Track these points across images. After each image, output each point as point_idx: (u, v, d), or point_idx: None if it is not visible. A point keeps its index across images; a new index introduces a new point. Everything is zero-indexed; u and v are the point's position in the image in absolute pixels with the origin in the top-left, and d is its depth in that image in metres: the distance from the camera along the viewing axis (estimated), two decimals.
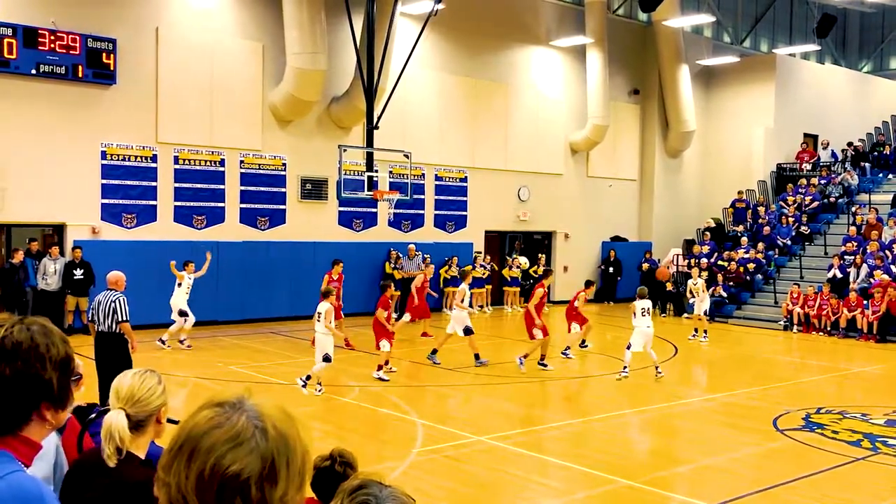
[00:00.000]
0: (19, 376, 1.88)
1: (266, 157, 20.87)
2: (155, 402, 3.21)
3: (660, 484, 8.90)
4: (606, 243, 28.29)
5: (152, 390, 3.22)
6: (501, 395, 13.36)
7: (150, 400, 3.20)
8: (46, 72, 17.36)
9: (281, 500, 1.41)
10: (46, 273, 17.40)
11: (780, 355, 18.94)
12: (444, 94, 24.10)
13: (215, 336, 18.14)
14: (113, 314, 10.44)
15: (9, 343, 1.89)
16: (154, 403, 3.21)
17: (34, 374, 1.91)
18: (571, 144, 27.43)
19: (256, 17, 20.55)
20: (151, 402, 3.20)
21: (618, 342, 18.06)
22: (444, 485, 8.63)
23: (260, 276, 20.38)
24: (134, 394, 3.16)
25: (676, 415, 12.39)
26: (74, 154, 18.01)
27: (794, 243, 25.34)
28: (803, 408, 12.40)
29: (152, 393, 3.21)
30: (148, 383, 3.23)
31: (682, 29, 28.38)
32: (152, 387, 3.23)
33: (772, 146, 29.08)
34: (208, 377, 13.62)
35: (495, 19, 25.13)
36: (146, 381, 3.24)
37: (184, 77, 19.32)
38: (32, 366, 1.91)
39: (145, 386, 3.21)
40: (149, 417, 3.21)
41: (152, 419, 3.23)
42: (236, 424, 1.40)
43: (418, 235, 23.59)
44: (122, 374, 3.25)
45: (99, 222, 18.49)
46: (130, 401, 3.14)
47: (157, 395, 3.23)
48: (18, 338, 1.91)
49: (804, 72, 30.56)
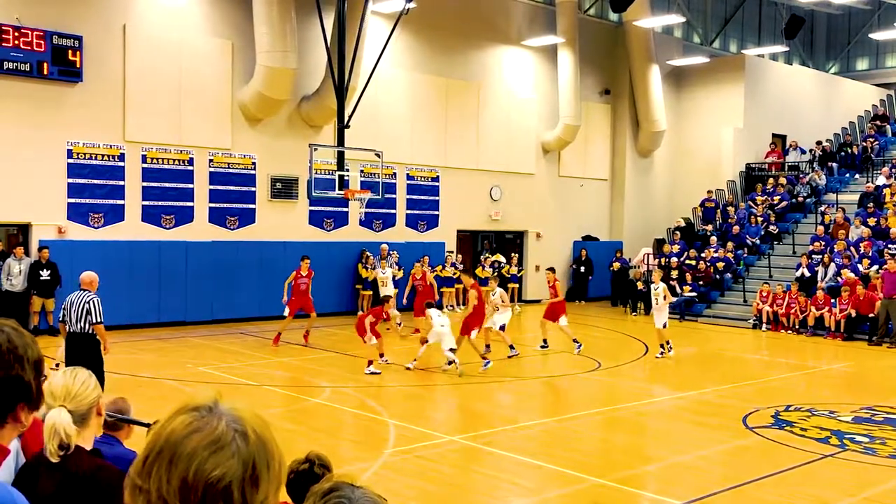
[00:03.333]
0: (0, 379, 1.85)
1: (236, 156, 20.69)
2: (91, 395, 3.23)
3: (630, 482, 8.93)
4: (578, 242, 28.39)
5: (86, 384, 3.24)
6: (473, 395, 13.34)
7: (87, 393, 3.21)
8: (10, 69, 17.07)
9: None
10: (11, 274, 17.10)
11: (749, 353, 19.10)
12: (415, 94, 24.05)
13: (184, 337, 17.95)
14: (87, 315, 10.28)
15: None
16: (91, 396, 3.23)
17: (15, 377, 1.87)
18: (543, 144, 27.50)
19: (226, 15, 20.37)
20: (88, 395, 3.22)
21: (590, 340, 18.11)
22: (416, 485, 8.58)
23: (229, 276, 20.21)
24: (70, 391, 3.16)
25: (647, 413, 12.45)
26: (40, 152, 17.72)
27: (763, 242, 25.58)
28: (772, 405, 12.50)
29: (87, 386, 3.23)
30: (81, 377, 3.25)
31: (652, 29, 28.56)
32: (85, 380, 3.25)
33: (741, 146, 29.35)
34: (178, 378, 13.46)
35: (467, 19, 25.13)
36: (78, 374, 3.26)
37: (152, 75, 19.09)
38: (12, 367, 1.86)
39: (78, 380, 3.23)
40: (89, 410, 3.22)
41: (93, 411, 3.24)
42: (216, 429, 1.39)
43: (390, 235, 23.53)
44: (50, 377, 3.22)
45: (65, 222, 18.22)
46: (68, 397, 3.14)
47: (91, 388, 3.25)
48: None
49: (773, 73, 30.87)
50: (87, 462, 3.08)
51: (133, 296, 18.51)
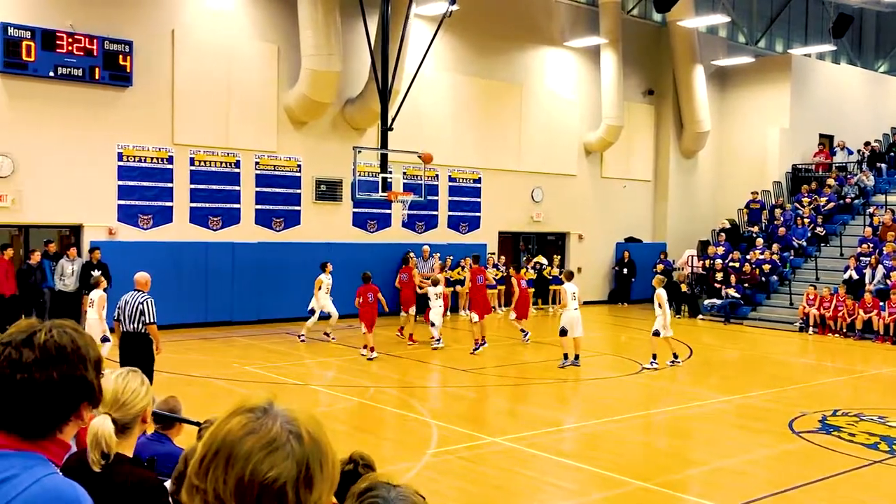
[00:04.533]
0: (66, 379, 1.90)
1: (281, 158, 20.96)
2: (140, 405, 3.19)
3: (673, 486, 8.89)
4: (621, 244, 28.24)
5: (136, 392, 3.20)
6: (516, 396, 13.37)
7: (135, 402, 3.18)
8: (64, 74, 17.50)
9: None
10: (64, 274, 17.52)
11: (795, 357, 18.85)
12: (457, 96, 24.12)
13: (230, 336, 18.23)
14: (140, 315, 10.54)
15: (52, 346, 1.90)
16: (139, 405, 3.19)
17: (80, 376, 1.93)
18: (585, 145, 27.41)
19: (272, 19, 20.64)
20: (136, 404, 3.18)
21: (633, 343, 18.06)
22: (459, 486, 8.65)
23: (275, 277, 20.46)
24: (118, 398, 3.14)
25: (691, 417, 12.36)
26: (91, 155, 18.14)
27: (810, 244, 25.22)
28: (819, 410, 12.34)
29: (136, 395, 3.19)
30: (131, 385, 3.21)
31: (696, 29, 28.30)
32: (136, 389, 3.21)
33: (787, 147, 28.96)
34: (224, 377, 13.69)
35: (509, 20, 25.14)
36: (129, 383, 3.21)
37: (199, 79, 19.43)
38: (77, 367, 1.93)
39: (129, 388, 3.19)
40: (134, 419, 3.19)
41: (137, 420, 3.21)
42: (271, 430, 1.42)
43: (432, 236, 23.63)
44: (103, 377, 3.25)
45: (115, 223, 18.61)
46: (115, 405, 3.12)
47: (141, 397, 3.20)
48: (61, 341, 1.92)
49: (820, 72, 30.41)
50: (128, 472, 3.08)
51: (180, 296, 18.82)
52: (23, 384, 1.86)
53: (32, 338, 1.91)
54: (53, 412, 1.90)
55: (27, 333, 1.92)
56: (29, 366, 1.87)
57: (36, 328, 1.94)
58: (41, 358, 1.88)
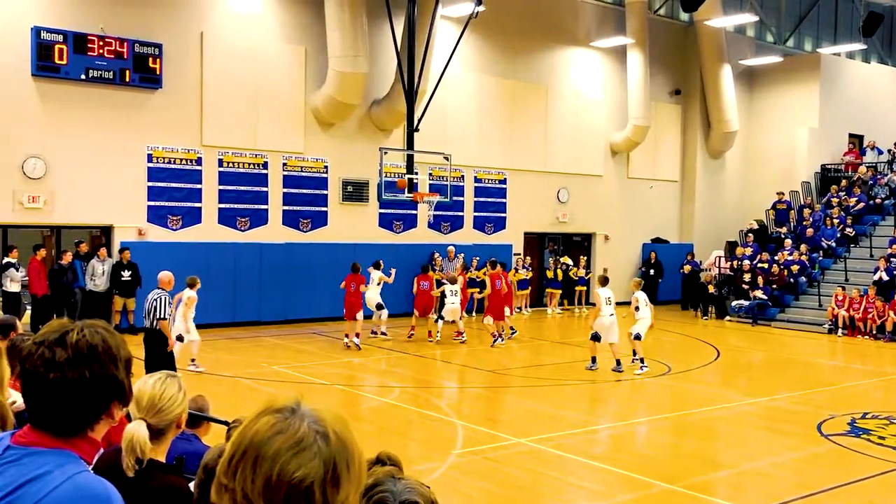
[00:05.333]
0: (98, 378, 1.94)
1: (308, 159, 21.11)
2: (176, 411, 3.19)
3: (700, 488, 8.86)
4: (647, 245, 28.11)
5: (173, 399, 3.19)
6: (541, 397, 13.38)
7: (172, 409, 3.17)
8: (95, 77, 17.74)
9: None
10: (95, 274, 17.78)
11: (824, 359, 18.68)
12: (483, 96, 24.14)
13: (258, 336, 18.39)
14: (154, 312, 10.72)
15: (84, 346, 1.94)
16: (175, 412, 3.19)
17: (111, 375, 1.97)
18: (612, 145, 27.31)
19: (299, 22, 20.78)
20: (172, 410, 3.18)
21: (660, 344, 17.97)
22: (484, 486, 8.68)
23: (302, 278, 20.60)
24: (155, 403, 3.14)
25: (717, 418, 12.30)
26: (121, 157, 18.37)
27: (839, 245, 24.96)
28: (848, 412, 12.23)
29: (173, 402, 3.19)
30: (169, 391, 3.19)
31: (724, 29, 28.12)
32: (173, 395, 3.20)
33: (816, 147, 28.68)
34: (253, 377, 13.82)
35: (535, 21, 25.12)
36: (167, 388, 3.20)
37: (228, 80, 19.61)
38: (108, 367, 1.96)
39: (167, 395, 3.18)
40: (170, 425, 3.19)
41: (172, 426, 3.21)
42: (298, 430, 1.44)
43: (458, 237, 23.67)
44: (142, 381, 3.17)
45: (145, 224, 18.84)
46: (151, 410, 3.12)
47: (177, 404, 3.20)
48: (93, 340, 1.96)
49: (849, 71, 30.08)
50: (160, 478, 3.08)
51: (209, 296, 18.88)
52: (56, 383, 1.90)
53: (65, 337, 1.94)
54: (85, 410, 1.94)
55: (60, 333, 1.96)
56: (62, 365, 1.91)
57: (68, 328, 1.97)
58: (73, 357, 1.92)
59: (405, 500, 1.78)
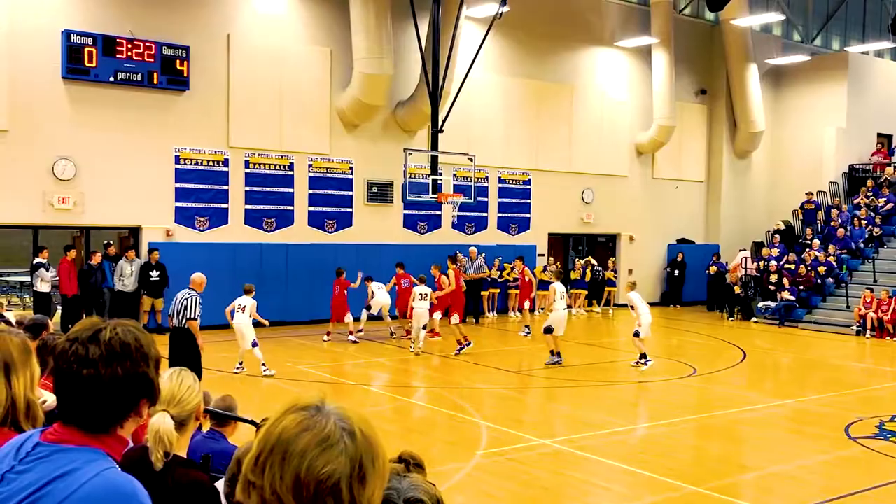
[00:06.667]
0: (129, 375, 1.98)
1: (334, 160, 21.22)
2: (194, 401, 3.24)
3: (726, 491, 8.81)
4: (672, 246, 27.97)
5: (191, 389, 3.25)
6: (566, 398, 13.37)
7: (190, 399, 3.22)
8: (123, 79, 17.95)
9: (369, 501, 1.48)
10: (123, 275, 17.99)
11: (852, 361, 18.50)
12: (507, 97, 24.14)
13: (284, 336, 18.50)
14: (184, 311, 10.83)
15: (117, 343, 1.98)
16: (194, 402, 3.24)
17: (142, 373, 2.00)
18: (637, 146, 27.21)
19: (324, 23, 20.90)
20: (191, 400, 3.23)
21: (686, 346, 17.92)
22: (508, 487, 8.70)
23: (327, 278, 20.63)
24: (175, 395, 3.19)
25: (743, 420, 12.23)
26: (149, 159, 18.58)
27: (867, 246, 24.70)
28: (877, 415, 12.12)
29: (191, 392, 3.24)
30: (186, 382, 3.26)
31: (750, 28, 27.91)
32: (190, 385, 3.26)
33: (844, 146, 28.40)
34: (279, 377, 13.91)
35: (559, 21, 25.08)
36: (184, 380, 3.27)
37: (254, 82, 19.77)
38: (139, 364, 2.00)
39: (184, 385, 3.24)
40: (190, 416, 3.24)
41: (192, 416, 3.26)
42: (325, 428, 1.47)
43: (482, 238, 23.69)
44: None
45: (173, 225, 19.03)
46: (172, 402, 3.17)
47: (195, 394, 3.25)
48: (126, 339, 2.00)
49: (878, 70, 29.75)
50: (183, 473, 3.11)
51: (235, 296, 19.05)
52: (88, 379, 1.93)
53: (98, 335, 1.98)
54: (115, 407, 1.97)
55: (93, 331, 1.99)
56: (95, 361, 1.94)
57: (100, 326, 2.01)
58: (106, 354, 1.95)
59: (410, 498, 1.79)
